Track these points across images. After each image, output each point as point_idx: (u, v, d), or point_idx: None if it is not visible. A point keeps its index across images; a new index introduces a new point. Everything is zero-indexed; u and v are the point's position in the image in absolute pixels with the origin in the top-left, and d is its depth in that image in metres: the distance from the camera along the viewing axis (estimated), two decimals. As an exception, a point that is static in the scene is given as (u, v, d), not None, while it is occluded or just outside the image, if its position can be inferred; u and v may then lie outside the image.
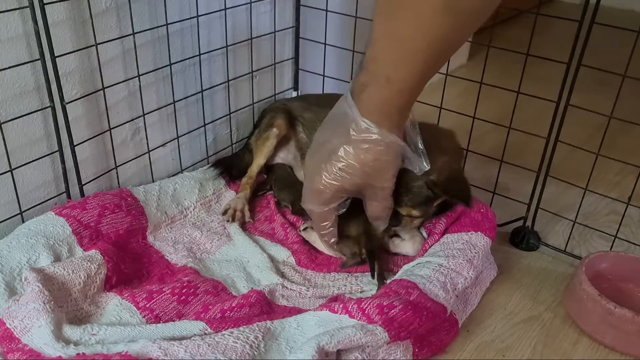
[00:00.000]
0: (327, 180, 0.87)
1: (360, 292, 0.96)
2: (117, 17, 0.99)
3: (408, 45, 0.75)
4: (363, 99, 0.81)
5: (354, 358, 0.78)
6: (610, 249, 1.05)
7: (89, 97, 1.00)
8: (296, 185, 1.13)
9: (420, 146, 0.90)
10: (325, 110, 0.91)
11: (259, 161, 1.18)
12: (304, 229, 1.08)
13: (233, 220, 1.11)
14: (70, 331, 0.78)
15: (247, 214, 1.13)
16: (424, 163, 0.90)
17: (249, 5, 1.21)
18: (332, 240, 0.98)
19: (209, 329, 0.79)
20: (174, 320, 0.84)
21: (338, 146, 0.85)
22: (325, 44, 1.30)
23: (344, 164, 0.85)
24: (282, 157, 1.24)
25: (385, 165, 0.86)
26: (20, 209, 0.97)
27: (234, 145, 1.32)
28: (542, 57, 1.00)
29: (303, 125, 1.19)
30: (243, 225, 1.11)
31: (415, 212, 0.97)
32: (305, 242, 1.07)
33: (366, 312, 0.79)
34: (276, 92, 1.37)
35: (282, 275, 0.98)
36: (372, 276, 0.97)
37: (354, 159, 0.84)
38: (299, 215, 1.12)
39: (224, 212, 1.12)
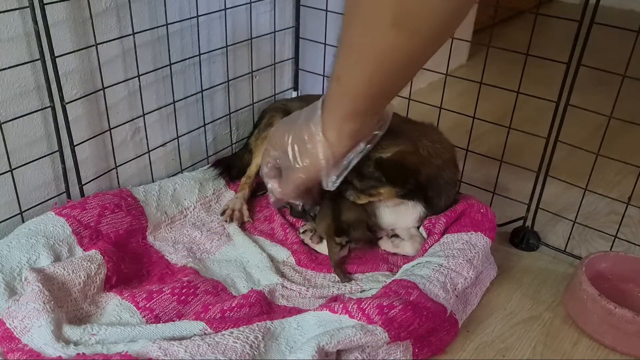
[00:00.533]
0: (270, 134, 0.94)
1: (360, 292, 0.95)
2: (117, 17, 0.99)
3: (357, 53, 0.74)
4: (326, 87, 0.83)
5: (354, 358, 0.78)
6: (610, 249, 1.05)
7: (89, 97, 1.00)
8: None
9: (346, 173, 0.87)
10: None
11: (257, 161, 1.18)
12: (304, 232, 1.08)
13: (231, 220, 1.11)
14: (70, 331, 0.78)
15: (246, 213, 1.13)
16: (330, 182, 0.86)
17: (249, 5, 1.21)
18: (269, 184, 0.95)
19: (208, 329, 0.79)
20: (173, 320, 0.84)
21: (299, 116, 0.86)
22: (325, 44, 1.30)
23: (283, 130, 0.86)
24: (282, 157, 1.24)
25: (307, 157, 0.84)
26: (20, 209, 0.97)
27: (233, 145, 1.32)
28: (541, 57, 1.00)
29: (302, 125, 1.19)
30: (242, 225, 1.11)
31: (357, 183, 0.98)
32: (305, 242, 1.07)
33: (366, 312, 0.79)
34: (276, 92, 1.37)
35: (282, 275, 0.98)
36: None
37: (289, 134, 0.85)
38: (298, 217, 1.12)
39: (223, 213, 1.12)
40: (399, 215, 1.06)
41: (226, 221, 1.11)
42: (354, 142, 0.83)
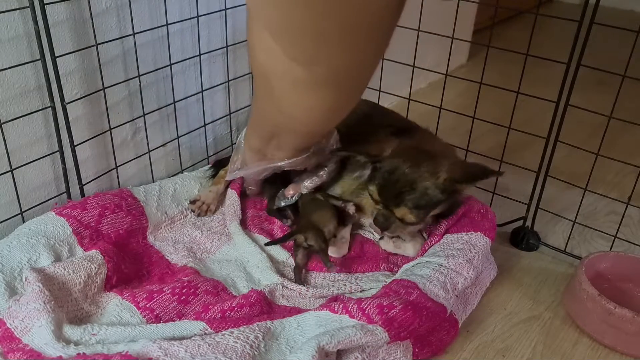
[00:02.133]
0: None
1: (360, 291, 0.95)
2: (117, 17, 0.99)
3: (259, 108, 0.93)
4: None
5: (354, 358, 0.78)
6: (610, 249, 1.05)
7: (90, 97, 1.00)
8: (276, 182, 1.13)
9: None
10: None
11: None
12: None
13: (199, 212, 1.11)
14: (70, 331, 0.78)
15: (213, 210, 1.13)
16: (229, 174, 1.10)
17: (249, 5, 1.21)
18: None
19: (209, 329, 0.79)
20: (174, 320, 0.85)
21: None
22: (325, 44, 1.29)
23: None
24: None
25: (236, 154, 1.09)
26: (20, 209, 0.97)
27: (233, 146, 1.32)
28: (541, 57, 1.00)
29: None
30: (242, 223, 1.11)
31: (410, 216, 0.96)
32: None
33: (366, 312, 0.79)
34: (276, 92, 1.37)
35: (282, 275, 0.98)
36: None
37: None
38: (272, 215, 1.12)
39: (193, 202, 1.12)
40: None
41: (193, 211, 1.11)
42: (257, 156, 1.01)
